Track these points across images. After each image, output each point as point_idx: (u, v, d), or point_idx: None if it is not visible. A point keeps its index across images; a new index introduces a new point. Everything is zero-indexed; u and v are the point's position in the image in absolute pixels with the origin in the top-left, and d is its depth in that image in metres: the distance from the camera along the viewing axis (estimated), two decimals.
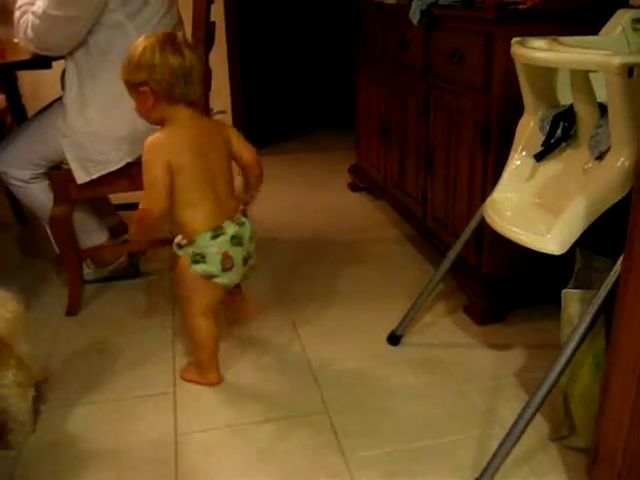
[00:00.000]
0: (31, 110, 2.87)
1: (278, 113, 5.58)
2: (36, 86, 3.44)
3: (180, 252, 1.68)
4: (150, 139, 1.57)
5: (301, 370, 1.89)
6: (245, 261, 1.70)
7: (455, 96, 2.16)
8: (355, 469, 1.50)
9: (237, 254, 1.66)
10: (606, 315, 1.35)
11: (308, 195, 3.49)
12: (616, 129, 1.32)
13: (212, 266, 1.63)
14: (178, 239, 1.70)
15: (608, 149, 1.37)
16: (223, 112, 2.77)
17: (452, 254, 1.87)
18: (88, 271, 2.42)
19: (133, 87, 1.57)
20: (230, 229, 1.64)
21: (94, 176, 2.05)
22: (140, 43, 1.54)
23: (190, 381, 1.84)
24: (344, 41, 5.32)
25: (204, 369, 1.82)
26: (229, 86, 4.00)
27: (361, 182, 3.40)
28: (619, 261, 1.23)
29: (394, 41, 2.69)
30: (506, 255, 2.02)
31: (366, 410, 1.71)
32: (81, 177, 2.05)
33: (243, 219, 1.69)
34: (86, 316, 2.24)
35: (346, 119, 4.34)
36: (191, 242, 1.63)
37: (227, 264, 1.64)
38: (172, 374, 1.88)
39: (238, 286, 1.87)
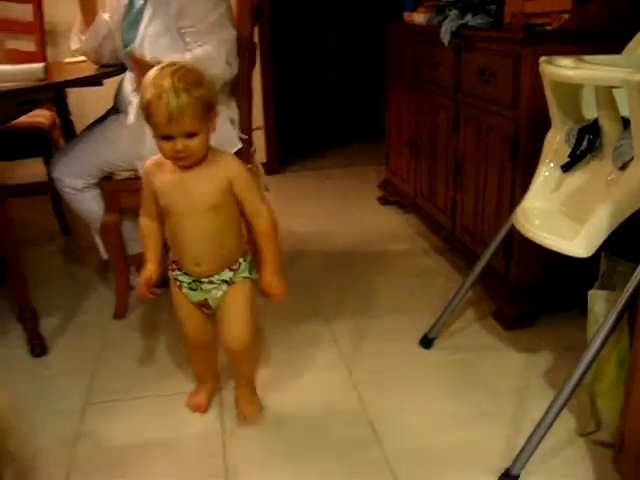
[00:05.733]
0: (77, 125, 3.04)
1: (309, 129, 5.70)
2: (81, 103, 3.60)
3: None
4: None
5: (337, 371, 1.99)
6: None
7: (484, 112, 2.27)
8: (394, 461, 1.60)
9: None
10: (630, 315, 1.45)
11: (338, 209, 3.60)
12: (638, 141, 1.42)
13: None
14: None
15: (631, 160, 1.47)
16: (259, 128, 2.90)
17: (482, 261, 1.98)
18: (132, 277, 2.55)
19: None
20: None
21: None
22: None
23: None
24: (375, 57, 5.46)
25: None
26: (262, 103, 4.14)
27: (391, 196, 3.51)
28: None
29: (425, 60, 2.81)
30: (534, 263, 2.12)
31: (401, 408, 1.81)
32: None
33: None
34: (133, 320, 2.37)
35: (375, 134, 4.47)
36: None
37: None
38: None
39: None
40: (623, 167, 1.50)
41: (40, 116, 3.08)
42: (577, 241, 1.51)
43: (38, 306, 2.16)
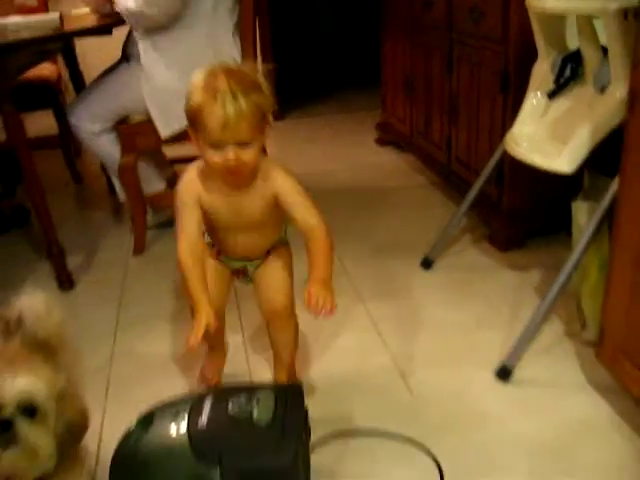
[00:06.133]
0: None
1: (307, 78, 5.79)
2: (82, 55, 3.71)
3: None
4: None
5: (348, 294, 2.16)
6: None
7: (476, 49, 2.41)
8: (401, 362, 1.79)
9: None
10: (609, 225, 1.61)
11: (338, 151, 3.75)
12: (614, 65, 1.57)
13: None
14: None
15: (609, 83, 1.62)
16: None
17: (476, 186, 2.14)
18: (148, 217, 2.70)
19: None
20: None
21: (176, 131, 2.28)
22: None
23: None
24: (368, 4, 5.53)
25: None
26: (260, 51, 4.22)
27: (388, 137, 3.65)
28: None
29: (418, 2, 2.93)
30: (524, 189, 2.28)
31: (406, 319, 2.00)
32: (165, 132, 2.32)
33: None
34: (151, 255, 2.54)
35: (370, 81, 4.58)
36: None
37: None
38: (235, 304, 2.10)
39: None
40: (602, 90, 1.65)
41: (44, 68, 3.20)
42: (561, 159, 1.67)
43: None
